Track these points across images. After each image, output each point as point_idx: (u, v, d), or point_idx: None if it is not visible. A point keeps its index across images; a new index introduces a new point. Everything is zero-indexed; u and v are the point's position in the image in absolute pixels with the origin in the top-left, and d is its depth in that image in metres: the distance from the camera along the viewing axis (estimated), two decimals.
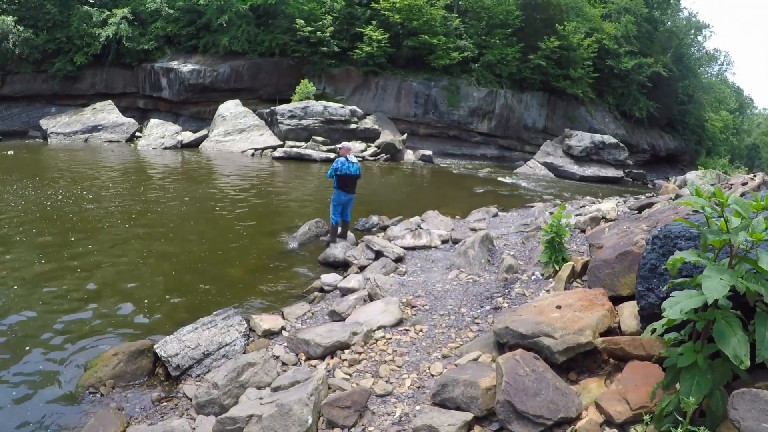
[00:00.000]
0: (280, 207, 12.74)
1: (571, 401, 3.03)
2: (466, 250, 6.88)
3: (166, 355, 4.55)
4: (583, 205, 13.26)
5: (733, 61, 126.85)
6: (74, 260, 7.37)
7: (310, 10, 29.89)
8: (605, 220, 7.59)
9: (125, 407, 4.10)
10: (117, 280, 6.73)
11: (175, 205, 11.45)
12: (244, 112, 26.97)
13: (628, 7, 37.91)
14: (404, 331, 4.88)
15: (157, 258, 7.74)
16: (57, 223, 9.26)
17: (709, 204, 2.55)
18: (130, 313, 5.81)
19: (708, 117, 46.70)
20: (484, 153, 33.03)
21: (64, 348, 4.96)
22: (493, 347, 3.96)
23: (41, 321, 5.45)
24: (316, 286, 6.72)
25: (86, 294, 6.25)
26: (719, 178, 16.31)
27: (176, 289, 6.58)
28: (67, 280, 6.62)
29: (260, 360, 4.22)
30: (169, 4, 29.82)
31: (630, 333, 3.48)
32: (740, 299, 2.52)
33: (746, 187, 10.36)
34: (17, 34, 26.73)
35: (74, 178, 14.28)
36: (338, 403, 3.51)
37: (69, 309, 5.80)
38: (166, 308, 6.00)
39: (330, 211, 8.81)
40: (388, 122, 29.66)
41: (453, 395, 3.35)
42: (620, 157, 29.66)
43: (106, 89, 30.19)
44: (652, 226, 4.30)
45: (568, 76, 33.33)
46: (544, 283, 5.51)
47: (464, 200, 15.48)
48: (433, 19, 30.40)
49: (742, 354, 2.25)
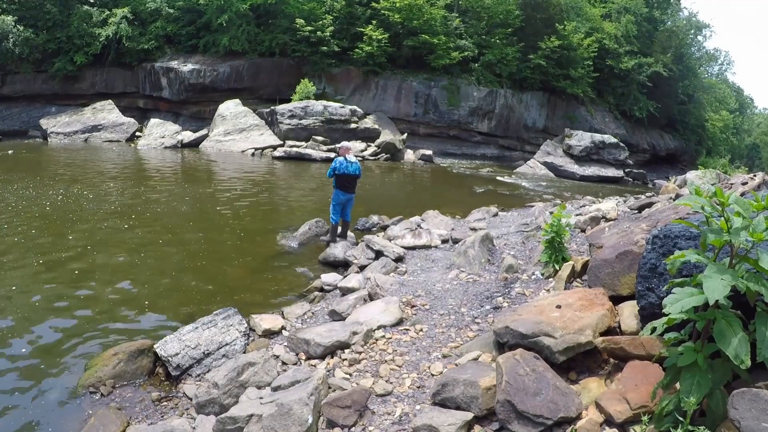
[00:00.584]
0: (280, 207, 12.74)
1: (571, 401, 3.03)
2: (466, 250, 6.88)
3: (167, 354, 4.55)
4: (583, 204, 13.26)
5: (733, 60, 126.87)
6: (74, 260, 7.37)
7: (310, 10, 29.88)
8: (605, 219, 7.59)
9: (125, 407, 4.10)
10: (117, 280, 6.73)
11: (175, 205, 11.45)
12: (244, 112, 26.97)
13: (628, 6, 37.93)
14: (404, 330, 4.88)
15: (157, 258, 7.74)
16: (56, 223, 9.26)
17: (710, 204, 2.55)
18: (130, 312, 5.81)
19: (708, 117, 46.73)
20: (484, 153, 33.02)
21: (64, 347, 4.96)
22: (493, 347, 3.96)
23: (41, 320, 5.45)
24: (316, 286, 6.72)
25: (86, 293, 6.25)
26: (719, 177, 16.30)
27: (176, 288, 6.58)
28: (66, 280, 6.62)
29: (260, 360, 4.22)
30: (169, 4, 29.81)
31: (630, 333, 3.47)
32: (740, 299, 2.52)
33: (746, 187, 10.37)
34: (17, 34, 26.72)
35: (74, 177, 14.28)
36: (338, 402, 3.51)
37: (69, 308, 5.80)
38: (166, 308, 6.00)
39: (330, 211, 8.81)
40: (388, 122, 29.66)
41: (453, 395, 3.35)
42: (620, 156, 29.65)
43: (106, 89, 30.18)
44: (652, 226, 4.30)
45: (568, 75, 33.33)
46: (544, 283, 5.51)
47: (464, 200, 15.48)
48: (433, 19, 30.39)
49: (743, 354, 2.25)
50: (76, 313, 5.70)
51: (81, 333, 5.25)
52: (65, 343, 5.05)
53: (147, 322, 5.60)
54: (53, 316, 5.59)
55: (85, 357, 4.75)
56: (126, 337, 5.17)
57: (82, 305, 5.91)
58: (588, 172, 28.04)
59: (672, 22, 41.85)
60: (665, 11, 42.25)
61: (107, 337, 5.18)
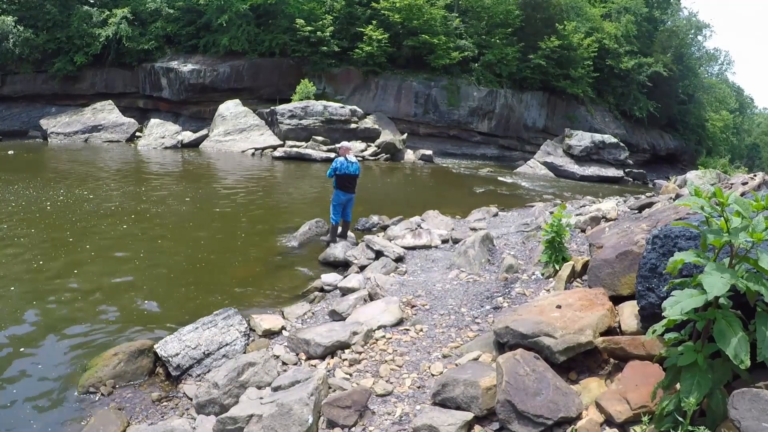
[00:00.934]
0: (280, 207, 12.74)
1: (572, 401, 3.03)
2: (467, 250, 6.88)
3: (167, 354, 4.55)
4: (583, 204, 13.26)
5: (734, 60, 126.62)
6: (74, 260, 7.37)
7: (310, 10, 29.87)
8: (605, 219, 7.58)
9: (125, 407, 4.10)
10: (117, 280, 6.73)
11: (175, 205, 11.45)
12: (244, 112, 26.96)
13: (628, 6, 37.91)
14: (404, 330, 4.88)
15: (157, 258, 7.74)
16: (56, 223, 9.27)
17: (709, 204, 2.55)
18: (130, 313, 5.81)
19: (708, 117, 46.70)
20: (484, 153, 33.01)
21: (64, 348, 4.96)
22: (494, 347, 3.96)
23: (41, 321, 5.45)
24: (316, 286, 6.72)
25: (86, 294, 6.25)
26: (719, 177, 16.30)
27: (176, 288, 6.58)
28: (66, 280, 6.62)
29: (260, 360, 4.22)
30: (169, 4, 29.79)
31: (630, 333, 3.48)
32: (740, 299, 2.52)
33: (746, 187, 10.37)
34: (17, 34, 26.72)
35: (74, 178, 14.28)
36: (338, 402, 3.51)
37: (68, 309, 5.81)
38: (166, 308, 6.00)
39: (330, 211, 8.81)
40: (388, 122, 29.65)
41: (453, 395, 3.35)
42: (620, 156, 29.64)
43: (106, 89, 30.17)
44: (652, 226, 4.30)
45: (568, 75, 33.31)
46: (545, 283, 5.51)
47: (464, 200, 15.47)
48: (433, 19, 30.38)
49: (743, 354, 2.24)
50: (76, 313, 5.70)
51: (81, 333, 5.25)
52: (65, 343, 5.05)
53: (147, 322, 5.60)
54: (53, 316, 5.59)
55: (85, 357, 4.75)
56: (126, 337, 5.17)
57: (82, 305, 5.91)
58: (588, 172, 28.03)
59: (672, 22, 41.82)
60: (665, 11, 42.23)
61: (107, 337, 5.19)
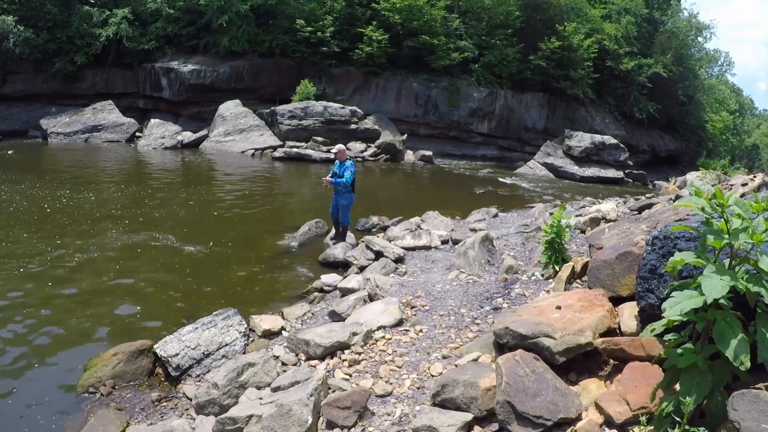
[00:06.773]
0: (280, 207, 12.74)
1: (571, 402, 3.03)
2: (466, 251, 6.88)
3: (166, 355, 4.55)
4: (583, 205, 13.25)
5: (734, 61, 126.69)
6: (74, 260, 7.37)
7: (310, 11, 29.86)
8: (605, 220, 7.58)
9: (125, 407, 4.10)
10: (117, 280, 6.73)
11: (175, 206, 11.45)
12: (244, 113, 26.96)
13: (629, 7, 37.89)
14: (404, 331, 4.87)
15: (157, 258, 7.74)
16: (56, 223, 9.26)
17: (709, 205, 2.55)
18: (129, 313, 5.81)
19: (708, 118, 46.69)
20: (484, 153, 33.01)
21: (63, 348, 4.96)
22: (493, 348, 3.96)
23: (41, 321, 5.45)
24: (316, 287, 6.72)
25: (86, 294, 6.25)
26: (719, 178, 16.27)
27: (176, 289, 6.58)
28: (66, 280, 6.62)
29: (260, 360, 4.22)
30: (170, 4, 29.78)
31: (630, 334, 3.47)
32: (740, 300, 2.51)
33: (746, 188, 10.36)
34: (18, 34, 26.70)
35: (74, 178, 14.27)
36: (338, 403, 3.51)
37: (68, 309, 5.81)
38: (166, 308, 6.00)
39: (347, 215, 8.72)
40: (388, 123, 29.64)
41: (453, 396, 3.35)
42: (620, 157, 29.63)
43: (106, 89, 30.16)
44: (652, 227, 4.30)
45: (568, 76, 33.31)
46: (544, 284, 5.51)
47: (464, 201, 15.47)
48: (434, 20, 30.38)
49: (742, 355, 2.24)
50: (76, 313, 5.70)
51: (81, 333, 5.25)
52: (65, 343, 5.05)
53: (147, 322, 5.60)
54: (53, 316, 5.59)
55: (85, 357, 4.74)
56: (126, 337, 5.17)
57: (82, 305, 5.91)
58: (588, 173, 28.02)
59: (672, 23, 41.80)
60: (665, 12, 42.21)
61: (107, 337, 5.19)
